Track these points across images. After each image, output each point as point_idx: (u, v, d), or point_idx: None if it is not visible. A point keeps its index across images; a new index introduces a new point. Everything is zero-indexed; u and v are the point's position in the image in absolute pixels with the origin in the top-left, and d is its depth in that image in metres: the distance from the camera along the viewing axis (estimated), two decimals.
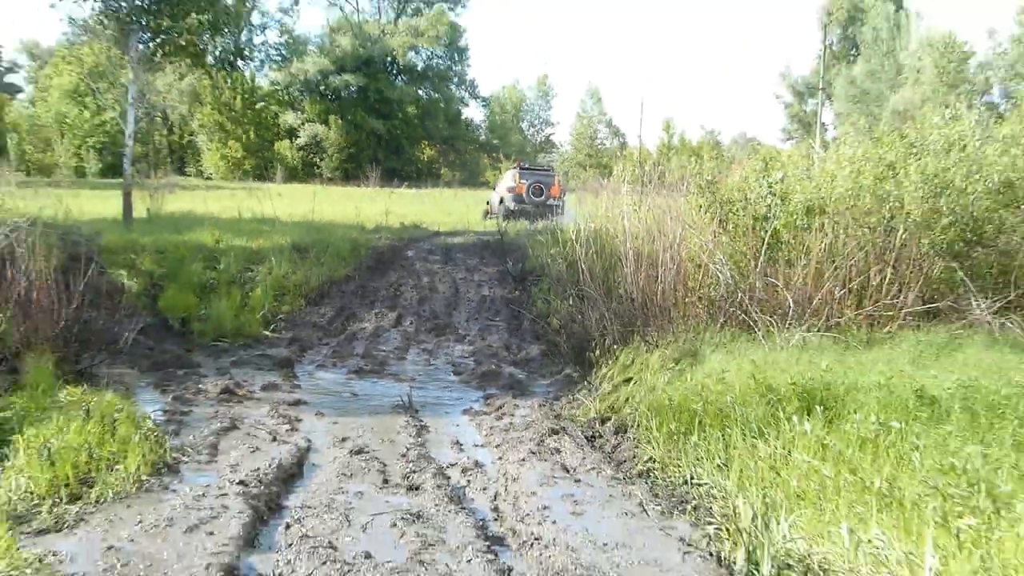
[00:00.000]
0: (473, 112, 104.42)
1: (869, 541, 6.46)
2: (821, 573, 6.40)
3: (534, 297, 19.55)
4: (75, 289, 13.38)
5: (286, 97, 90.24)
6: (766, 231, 13.83)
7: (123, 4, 25.85)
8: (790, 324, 12.60)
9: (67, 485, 8.37)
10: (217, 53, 79.95)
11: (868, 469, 7.64)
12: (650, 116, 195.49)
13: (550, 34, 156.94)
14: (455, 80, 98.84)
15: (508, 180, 40.17)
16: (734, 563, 6.78)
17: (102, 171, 72.52)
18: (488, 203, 43.42)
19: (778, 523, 6.97)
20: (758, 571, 6.57)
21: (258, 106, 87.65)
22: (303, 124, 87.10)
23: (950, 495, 6.80)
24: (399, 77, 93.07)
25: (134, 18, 26.04)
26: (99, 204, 28.01)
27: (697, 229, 14.46)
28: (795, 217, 14.04)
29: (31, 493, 8.16)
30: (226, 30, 71.02)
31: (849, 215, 13.79)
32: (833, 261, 13.29)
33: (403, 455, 10.32)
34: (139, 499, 8.37)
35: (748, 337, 12.40)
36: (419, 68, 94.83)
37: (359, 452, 10.32)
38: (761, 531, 6.90)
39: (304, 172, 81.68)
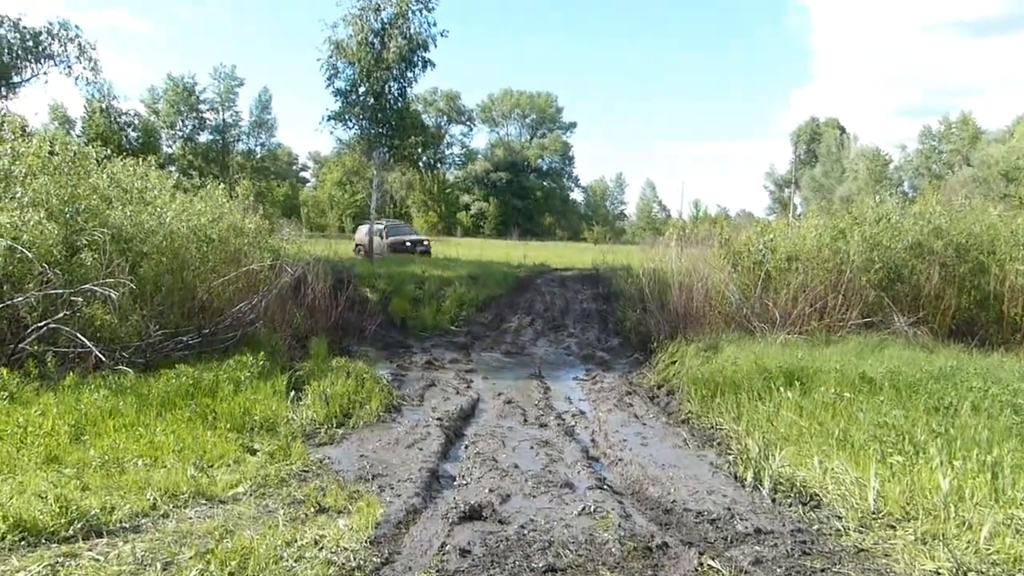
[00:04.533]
0: (576, 195, 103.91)
1: (832, 469, 6.30)
2: (801, 488, 6.21)
3: (616, 309, 19.29)
4: (340, 299, 13.64)
5: (463, 186, 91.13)
6: (762, 270, 13.58)
7: (371, 130, 26.37)
8: (777, 329, 12.32)
9: (336, 417, 8.53)
10: (424, 160, 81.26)
11: (830, 423, 7.51)
12: (686, 197, 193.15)
13: (623, 145, 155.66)
14: (565, 176, 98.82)
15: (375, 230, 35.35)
16: (745, 480, 6.61)
17: (354, 229, 74.19)
18: (358, 243, 36.08)
19: (774, 455, 6.77)
20: (761, 485, 6.38)
21: (447, 191, 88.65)
22: (474, 202, 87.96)
23: (884, 441, 6.66)
24: (531, 174, 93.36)
25: (378, 139, 26.57)
26: (352, 248, 28.56)
27: (717, 269, 14.21)
28: (780, 262, 13.72)
29: (314, 421, 8.32)
30: (431, 147, 72.02)
31: (814, 261, 13.44)
32: (804, 290, 12.96)
33: (536, 404, 10.30)
34: (378, 427, 8.49)
35: (750, 337, 12.13)
36: (544, 169, 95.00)
37: (509, 402, 10.33)
38: (763, 460, 6.71)
39: (474, 230, 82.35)
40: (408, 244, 34.43)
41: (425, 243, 35.71)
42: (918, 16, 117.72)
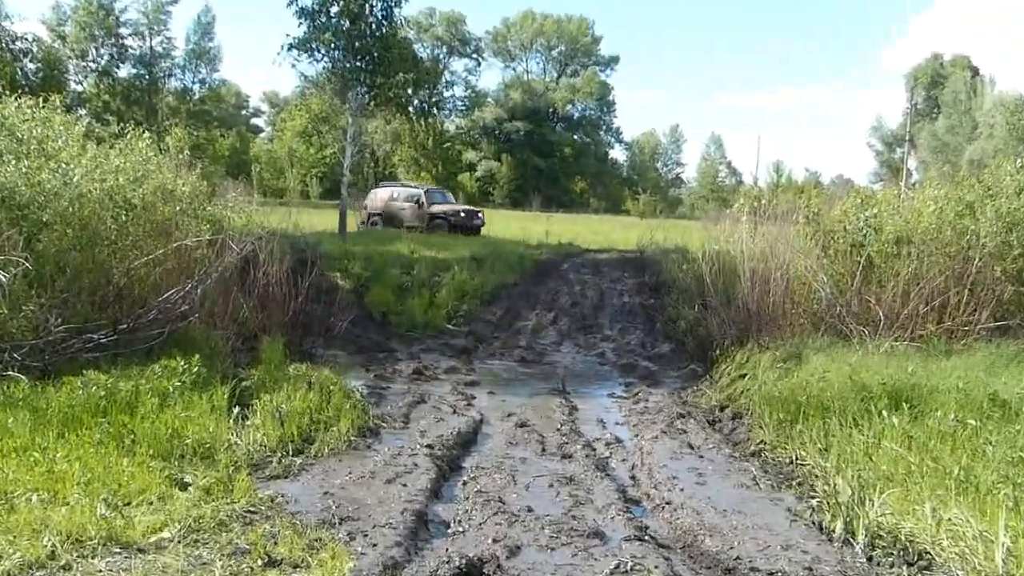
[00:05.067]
0: (617, 153, 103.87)
1: (949, 519, 6.29)
2: (907, 544, 6.23)
3: (666, 304, 19.30)
4: (301, 287, 13.71)
5: (468, 139, 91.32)
6: (862, 256, 13.55)
7: (346, 64, 26.40)
8: (880, 335, 12.30)
9: (292, 441, 8.58)
10: (416, 104, 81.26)
11: (947, 458, 7.46)
12: (764, 158, 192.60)
13: (681, 88, 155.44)
14: (603, 128, 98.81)
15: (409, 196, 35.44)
16: (833, 531, 6.62)
17: (322, 194, 74.23)
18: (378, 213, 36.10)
19: (871, 500, 6.78)
20: (854, 539, 6.41)
21: (445, 145, 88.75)
22: (480, 160, 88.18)
23: (1020, 485, 6.61)
24: (558, 124, 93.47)
25: (354, 76, 26.58)
26: (319, 220, 28.56)
27: (803, 253, 14.19)
28: (886, 245, 13.68)
29: (264, 447, 8.37)
30: (425, 86, 72.09)
31: (932, 245, 13.39)
32: (918, 283, 12.92)
33: (558, 429, 10.34)
34: (348, 455, 8.54)
35: (845, 344, 12.13)
36: (575, 118, 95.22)
37: (522, 425, 10.37)
38: (857, 506, 6.72)
39: (480, 198, 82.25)
40: (462, 215, 34.25)
41: (479, 216, 35.54)
42: None
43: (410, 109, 68.87)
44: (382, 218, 34.53)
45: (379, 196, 36.07)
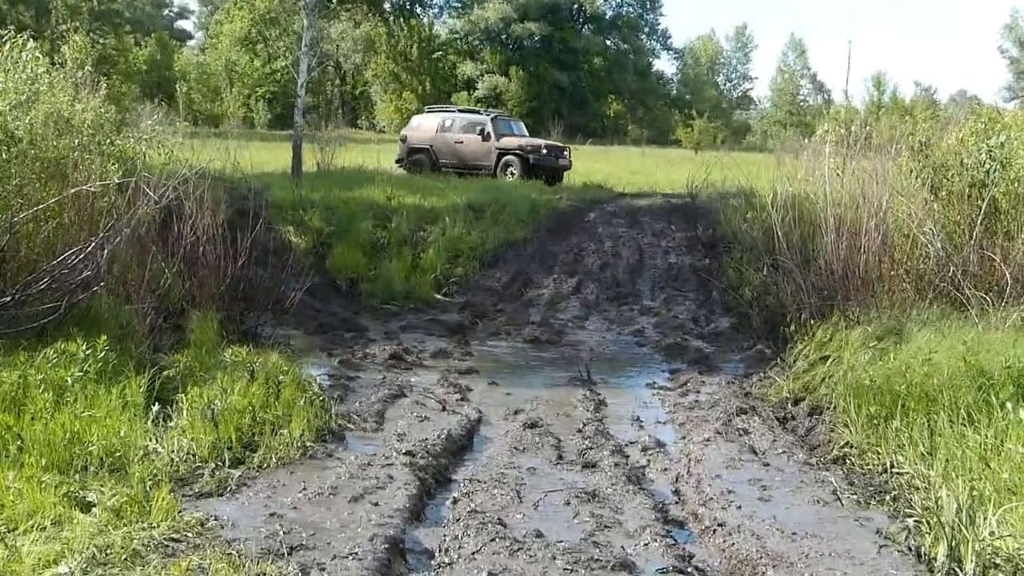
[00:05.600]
0: (664, 65, 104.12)
1: None
2: None
3: (725, 266, 19.37)
4: (242, 246, 13.72)
5: (465, 47, 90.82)
6: (984, 199, 13.49)
7: None
8: (1008, 302, 12.28)
9: (230, 448, 8.65)
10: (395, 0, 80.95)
11: None
12: (860, 71, 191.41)
13: None
14: (646, 30, 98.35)
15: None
16: (935, 559, 6.66)
17: (271, 122, 74.22)
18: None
19: (985, 517, 6.84)
20: (960, 568, 6.45)
21: (435, 56, 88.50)
22: (482, 75, 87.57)
23: None
24: (586, 26, 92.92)
25: None
26: (267, 156, 28.60)
27: (906, 196, 14.17)
28: (1017, 185, 13.65)
29: (193, 455, 8.42)
30: None
31: None
32: None
33: (579, 430, 10.45)
34: (303, 466, 8.62)
35: (959, 315, 12.11)
36: (607, 16, 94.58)
37: (533, 426, 10.44)
38: (966, 525, 6.77)
39: None
40: (544, 152, 34.33)
41: (566, 155, 35.81)
42: None
43: (386, 6, 68.84)
44: (428, 155, 34.35)
45: (425, 125, 35.85)
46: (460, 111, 36.84)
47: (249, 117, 75.13)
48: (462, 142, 34.00)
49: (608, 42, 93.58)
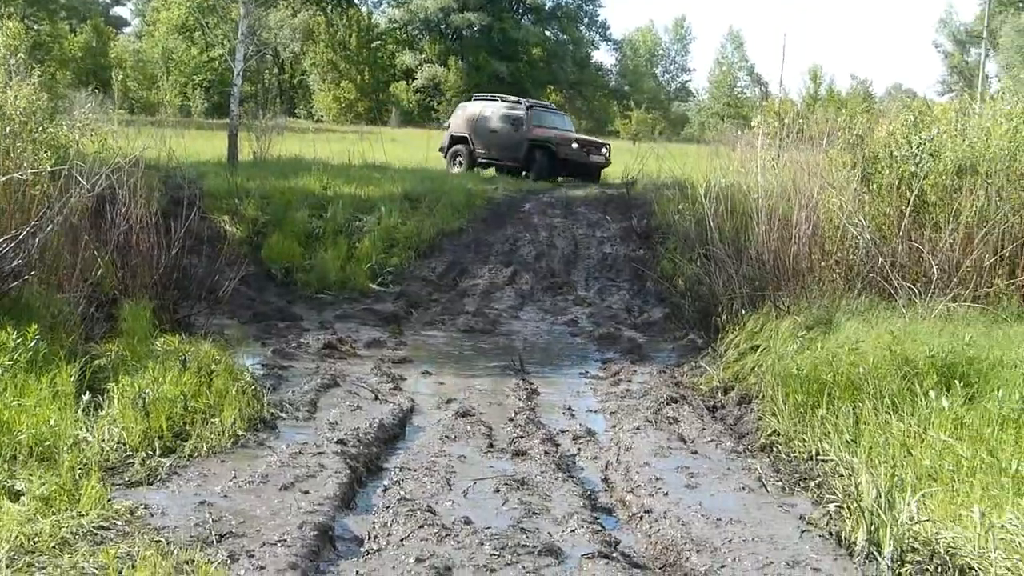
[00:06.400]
0: (603, 56, 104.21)
1: (1003, 526, 6.43)
2: (947, 557, 6.38)
3: (659, 257, 19.55)
4: (176, 234, 13.69)
5: (404, 36, 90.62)
6: (912, 191, 13.67)
7: None
8: (934, 293, 12.47)
9: (161, 437, 8.63)
10: None
11: (1008, 451, 7.59)
12: (797, 63, 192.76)
13: None
14: (585, 21, 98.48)
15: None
16: (854, 543, 6.79)
17: (208, 111, 73.70)
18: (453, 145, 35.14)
19: (903, 503, 6.97)
20: (879, 552, 6.58)
21: (374, 45, 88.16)
22: (421, 65, 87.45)
23: None
24: (525, 16, 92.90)
25: None
26: (203, 145, 28.49)
27: (837, 188, 14.34)
28: (945, 177, 13.83)
29: (124, 444, 8.40)
30: None
31: (1004, 176, 13.55)
32: (984, 226, 13.10)
33: (511, 419, 10.53)
34: (234, 454, 8.64)
35: (887, 305, 12.30)
36: (547, 7, 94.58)
37: (464, 415, 10.52)
38: (885, 510, 6.90)
39: (420, 116, 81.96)
40: (575, 148, 32.85)
41: (603, 152, 34.42)
42: None
43: None
44: (467, 145, 33.66)
45: (466, 113, 34.99)
46: (500, 99, 35.40)
47: (186, 105, 74.60)
48: (496, 132, 33.17)
49: (547, 33, 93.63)
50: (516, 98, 36.36)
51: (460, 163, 33.62)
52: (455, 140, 34.23)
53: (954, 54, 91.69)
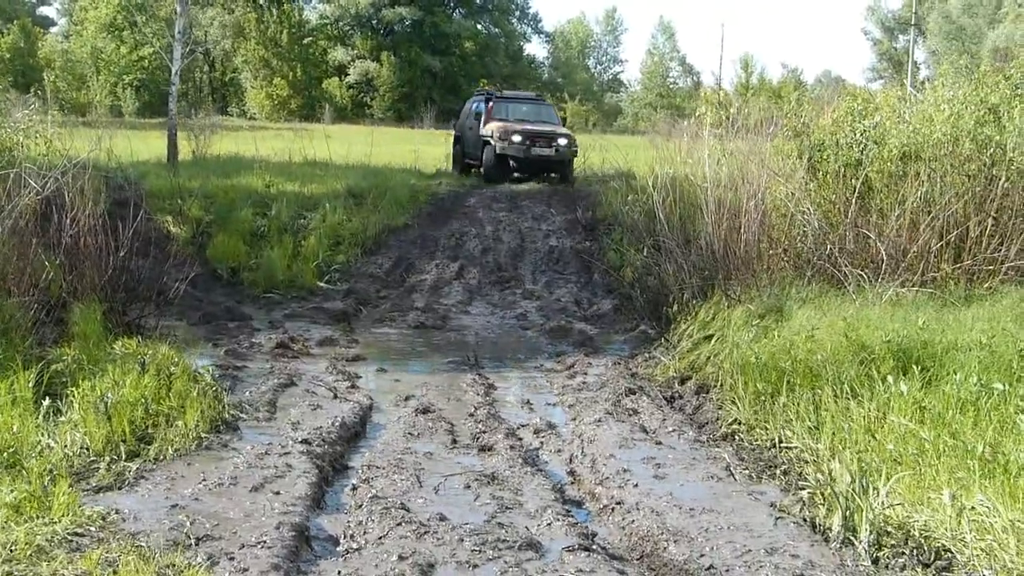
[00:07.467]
0: (536, 48, 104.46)
1: (972, 508, 6.53)
2: (922, 540, 6.49)
3: (606, 248, 19.65)
4: (123, 236, 13.57)
5: (335, 32, 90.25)
6: (859, 177, 13.81)
7: None
8: (883, 279, 12.59)
9: (124, 441, 8.55)
10: None
11: (970, 433, 7.71)
12: (727, 53, 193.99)
13: None
14: (516, 14, 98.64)
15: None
16: (830, 529, 6.88)
17: (139, 110, 73.04)
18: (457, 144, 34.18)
19: (876, 488, 7.06)
20: (855, 537, 6.67)
21: (305, 41, 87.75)
22: (353, 61, 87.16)
23: None
24: (456, 10, 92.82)
25: None
26: (139, 145, 28.12)
27: (783, 176, 14.46)
28: (889, 163, 13.99)
29: (87, 449, 8.33)
30: None
31: (947, 162, 13.72)
32: (929, 211, 13.24)
33: (471, 414, 10.54)
34: (199, 456, 8.60)
35: (837, 292, 12.42)
36: (478, 1, 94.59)
37: (425, 411, 10.51)
38: (859, 495, 6.99)
39: (354, 112, 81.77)
40: (517, 142, 29.80)
41: (558, 143, 30.47)
42: None
43: None
44: (461, 145, 32.63)
45: (462, 111, 34.06)
46: (488, 94, 33.16)
47: (116, 105, 73.87)
48: (472, 129, 32.03)
49: (479, 26, 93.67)
50: (528, 94, 36.15)
51: (457, 167, 32.66)
52: (455, 141, 33.51)
53: (883, 41, 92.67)
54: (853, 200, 13.64)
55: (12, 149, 13.66)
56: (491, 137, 30.03)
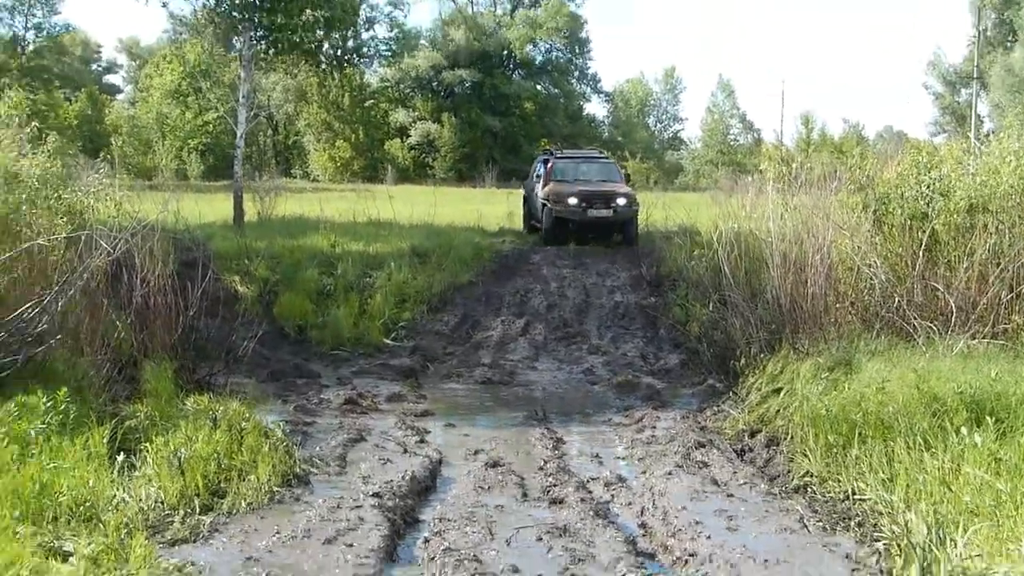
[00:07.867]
0: (595, 108, 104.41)
1: None
2: None
3: (671, 303, 19.61)
4: (191, 297, 13.73)
5: (396, 94, 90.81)
6: (925, 230, 13.73)
7: (235, 0, 26.44)
8: (952, 331, 12.50)
9: (198, 495, 8.67)
10: (330, 51, 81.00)
11: None
12: (786, 109, 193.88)
13: (678, 24, 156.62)
14: (576, 74, 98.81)
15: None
16: None
17: (204, 173, 73.75)
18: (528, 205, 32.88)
19: (953, 539, 6.99)
20: None
21: (367, 104, 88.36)
22: (414, 122, 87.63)
23: None
24: (516, 72, 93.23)
25: (245, 15, 26.59)
26: (205, 207, 28.40)
27: (849, 230, 14.41)
28: (957, 215, 13.90)
29: (161, 503, 8.47)
30: (340, 28, 71.91)
31: (1015, 213, 13.62)
32: (998, 263, 13.15)
33: (541, 468, 10.55)
34: (272, 510, 8.67)
35: (906, 345, 12.33)
36: (537, 62, 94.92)
37: (494, 465, 10.54)
38: (936, 547, 6.92)
39: (416, 173, 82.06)
40: (574, 204, 28.69)
41: (619, 202, 29.11)
42: None
43: (320, 58, 68.56)
44: (529, 206, 31.61)
45: (531, 172, 33.07)
46: (548, 154, 32.78)
47: (182, 169, 74.71)
48: (534, 190, 31.15)
49: (539, 87, 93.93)
50: (590, 152, 35.86)
51: (526, 226, 32.02)
52: (524, 201, 32.67)
53: (944, 95, 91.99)
54: (920, 252, 13.56)
55: (83, 212, 13.85)
56: (548, 199, 29.28)
